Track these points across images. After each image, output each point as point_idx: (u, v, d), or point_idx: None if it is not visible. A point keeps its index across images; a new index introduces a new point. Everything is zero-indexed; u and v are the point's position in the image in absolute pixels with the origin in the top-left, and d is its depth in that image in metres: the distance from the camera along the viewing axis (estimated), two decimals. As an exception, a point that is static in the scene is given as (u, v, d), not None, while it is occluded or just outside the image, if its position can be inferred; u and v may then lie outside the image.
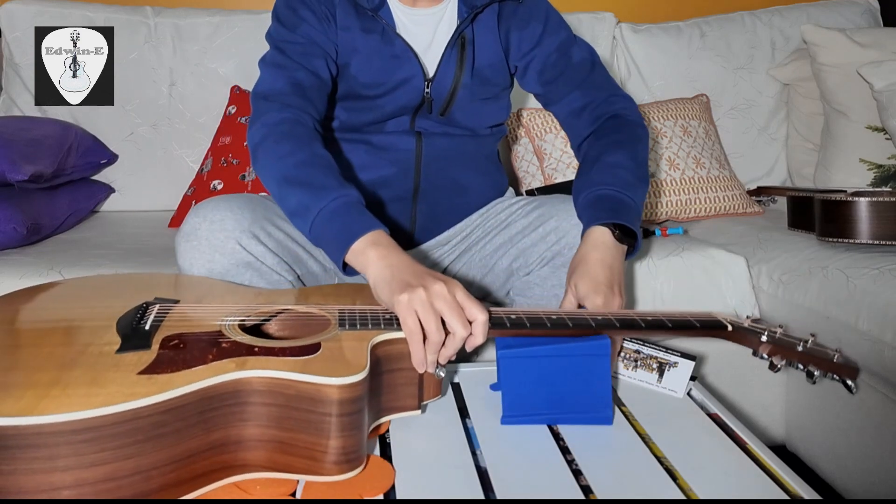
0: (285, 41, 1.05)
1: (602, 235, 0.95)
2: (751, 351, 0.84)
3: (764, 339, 0.82)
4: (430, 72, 1.09)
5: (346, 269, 0.86)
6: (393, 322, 0.75)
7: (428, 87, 1.09)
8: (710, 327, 0.84)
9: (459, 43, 1.09)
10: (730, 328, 0.84)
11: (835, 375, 0.79)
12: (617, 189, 0.99)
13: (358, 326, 0.74)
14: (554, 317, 0.80)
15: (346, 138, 1.14)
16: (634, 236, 0.97)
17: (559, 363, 0.78)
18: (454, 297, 0.74)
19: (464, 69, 1.09)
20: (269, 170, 0.94)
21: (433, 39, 1.10)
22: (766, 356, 0.82)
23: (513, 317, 0.79)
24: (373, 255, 0.81)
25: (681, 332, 0.84)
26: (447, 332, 0.74)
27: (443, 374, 0.77)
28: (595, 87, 1.13)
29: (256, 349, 0.67)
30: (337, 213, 0.86)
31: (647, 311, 0.85)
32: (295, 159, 0.92)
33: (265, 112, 0.98)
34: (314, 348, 0.69)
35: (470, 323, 0.74)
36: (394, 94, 1.08)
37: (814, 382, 0.78)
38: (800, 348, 0.80)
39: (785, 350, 0.81)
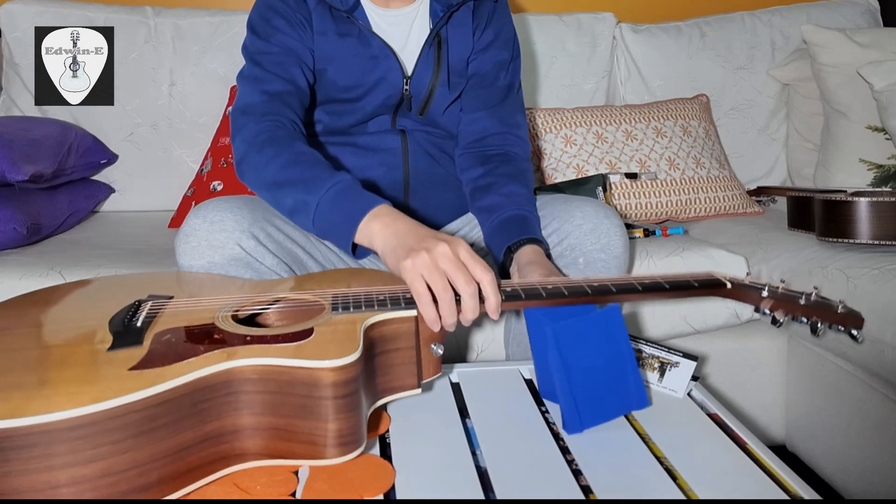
0: (260, 52, 1.05)
1: (532, 254, 0.97)
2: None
3: (765, 294, 0.81)
4: (409, 70, 1.10)
5: (356, 252, 0.88)
6: (387, 302, 0.75)
7: (406, 85, 1.10)
8: (708, 286, 0.83)
9: (436, 42, 1.10)
10: (729, 286, 0.82)
11: (840, 327, 0.77)
12: (522, 211, 1.04)
13: (351, 309, 0.74)
14: (550, 287, 0.80)
15: (331, 141, 1.14)
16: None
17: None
18: (458, 256, 0.76)
19: (440, 68, 1.10)
20: (257, 179, 0.96)
21: (408, 39, 1.11)
22: (767, 311, 0.81)
23: (508, 289, 0.79)
24: (377, 226, 0.84)
25: (679, 293, 0.83)
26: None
27: (440, 352, 0.77)
28: (499, 117, 1.15)
29: (248, 338, 0.67)
30: (335, 201, 0.88)
31: (644, 274, 0.85)
32: (280, 162, 0.94)
33: (242, 127, 0.99)
34: (307, 333, 0.68)
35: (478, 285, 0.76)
36: (373, 92, 1.09)
37: (818, 335, 0.77)
38: (802, 301, 0.79)
39: (787, 304, 0.79)
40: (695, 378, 0.90)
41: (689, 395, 0.89)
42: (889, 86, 1.53)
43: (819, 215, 1.36)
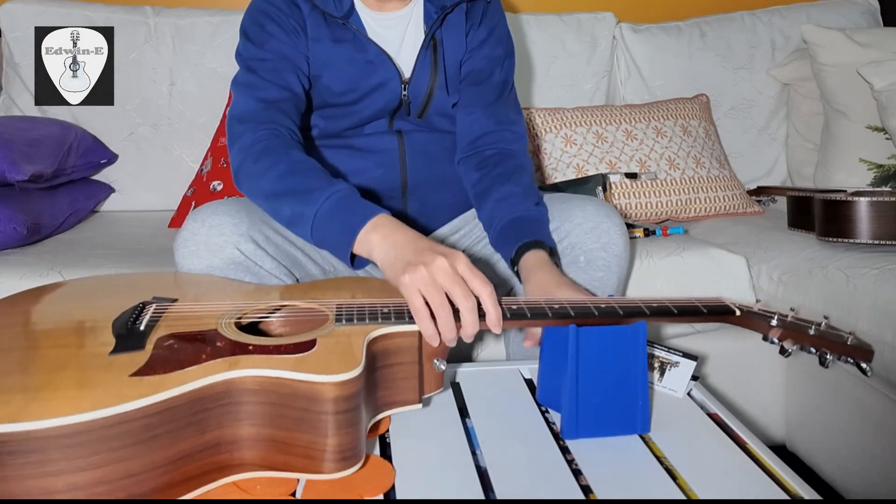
0: (255, 59, 1.05)
1: (532, 263, 0.95)
2: (760, 341, 0.81)
3: (774, 322, 0.79)
4: (406, 74, 1.09)
5: (355, 262, 0.87)
6: (391, 315, 0.75)
7: (405, 90, 1.09)
8: (717, 313, 0.81)
9: (432, 45, 1.09)
10: (738, 313, 0.81)
11: (849, 359, 0.76)
12: (517, 211, 1.02)
13: (355, 321, 0.74)
14: (556, 306, 0.79)
15: (327, 144, 1.14)
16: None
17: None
18: (455, 270, 0.74)
19: (437, 71, 1.10)
20: (254, 189, 0.95)
21: (403, 41, 1.10)
22: (776, 340, 0.79)
23: (514, 307, 0.78)
24: (376, 238, 0.82)
25: (687, 319, 0.81)
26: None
27: (443, 367, 0.76)
28: (495, 116, 1.14)
29: (251, 347, 0.67)
30: (333, 211, 0.86)
31: (653, 297, 0.84)
32: (276, 171, 0.92)
33: (240, 136, 0.98)
34: (310, 345, 0.68)
35: (478, 299, 0.74)
36: (370, 98, 1.08)
37: (826, 366, 0.75)
38: (812, 332, 0.77)
39: (797, 334, 0.78)
40: (695, 378, 0.90)
41: (689, 394, 0.89)
42: (889, 86, 1.53)
43: (819, 215, 1.36)
